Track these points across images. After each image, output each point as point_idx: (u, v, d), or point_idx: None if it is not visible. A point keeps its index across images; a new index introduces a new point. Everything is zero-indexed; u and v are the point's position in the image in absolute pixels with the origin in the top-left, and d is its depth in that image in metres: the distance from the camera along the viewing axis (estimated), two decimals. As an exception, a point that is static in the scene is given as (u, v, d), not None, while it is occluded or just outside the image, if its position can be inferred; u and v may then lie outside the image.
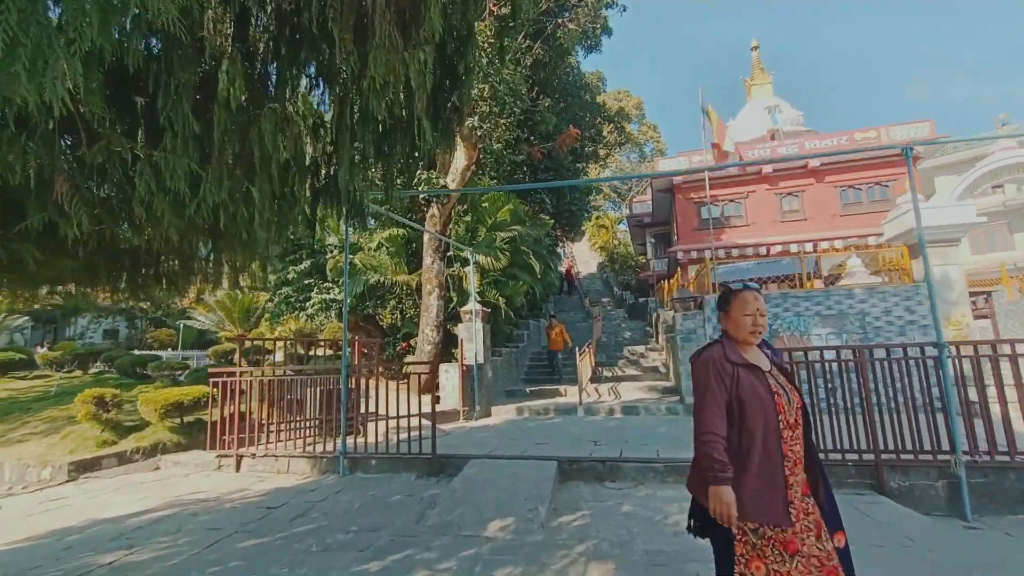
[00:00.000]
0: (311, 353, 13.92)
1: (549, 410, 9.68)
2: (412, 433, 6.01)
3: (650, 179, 22.90)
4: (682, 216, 22.32)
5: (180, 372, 11.20)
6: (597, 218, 42.23)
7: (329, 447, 6.32)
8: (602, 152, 22.26)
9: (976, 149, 26.97)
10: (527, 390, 11.85)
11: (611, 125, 21.51)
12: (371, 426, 7.27)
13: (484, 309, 10.47)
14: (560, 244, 31.90)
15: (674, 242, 23.49)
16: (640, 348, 14.59)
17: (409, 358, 11.74)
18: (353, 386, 7.28)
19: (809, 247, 20.39)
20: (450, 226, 11.78)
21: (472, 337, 10.10)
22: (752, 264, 10.70)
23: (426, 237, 10.91)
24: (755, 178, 21.30)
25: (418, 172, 10.32)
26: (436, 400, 7.81)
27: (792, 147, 21.10)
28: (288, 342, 9.79)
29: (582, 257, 41.81)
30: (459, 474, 5.14)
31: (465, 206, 12.11)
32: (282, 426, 6.81)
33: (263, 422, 6.64)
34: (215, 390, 6.58)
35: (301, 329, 22.83)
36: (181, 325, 22.82)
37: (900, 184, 9.83)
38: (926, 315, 8.28)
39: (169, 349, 27.46)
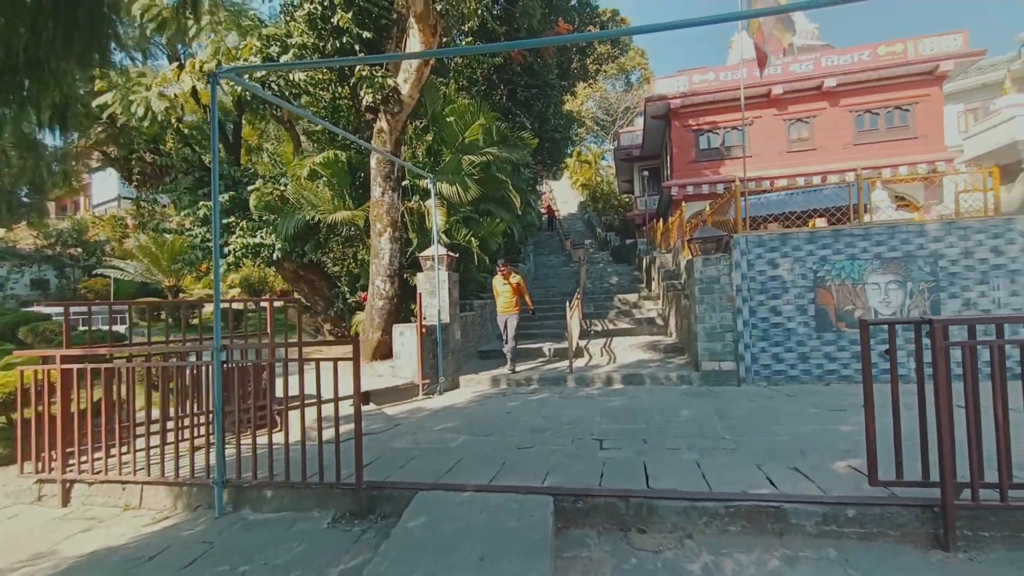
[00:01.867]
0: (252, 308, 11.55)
1: (532, 380, 7.75)
2: (346, 427, 3.96)
3: (644, 101, 20.10)
4: (678, 146, 19.90)
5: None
6: (579, 153, 39.30)
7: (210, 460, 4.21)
8: (592, 68, 19.27)
9: (999, 71, 24.85)
10: (504, 349, 9.87)
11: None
12: (296, 416, 5.23)
13: (450, 254, 8.22)
14: (540, 180, 29.26)
15: (667, 177, 21.19)
16: (632, 296, 12.69)
17: (360, 315, 9.54)
18: (262, 364, 5.15)
19: (818, 180, 18.45)
20: (404, 148, 9.22)
21: (435, 289, 7.91)
22: (785, 195, 8.59)
23: (373, 160, 8.38)
24: (762, 101, 18.84)
25: (357, 68, 7.63)
26: (355, 381, 5.74)
27: (807, 64, 18.52)
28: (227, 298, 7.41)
29: (562, 196, 39.20)
30: (397, 526, 3.14)
31: (424, 121, 9.50)
32: (145, 429, 4.64)
33: (116, 423, 4.44)
34: (27, 379, 4.30)
35: (248, 278, 20.26)
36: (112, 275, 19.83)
37: (1002, 85, 7.65)
38: (1017, 257, 6.42)
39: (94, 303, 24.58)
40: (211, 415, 4.65)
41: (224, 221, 9.47)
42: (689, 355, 8.24)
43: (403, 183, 8.96)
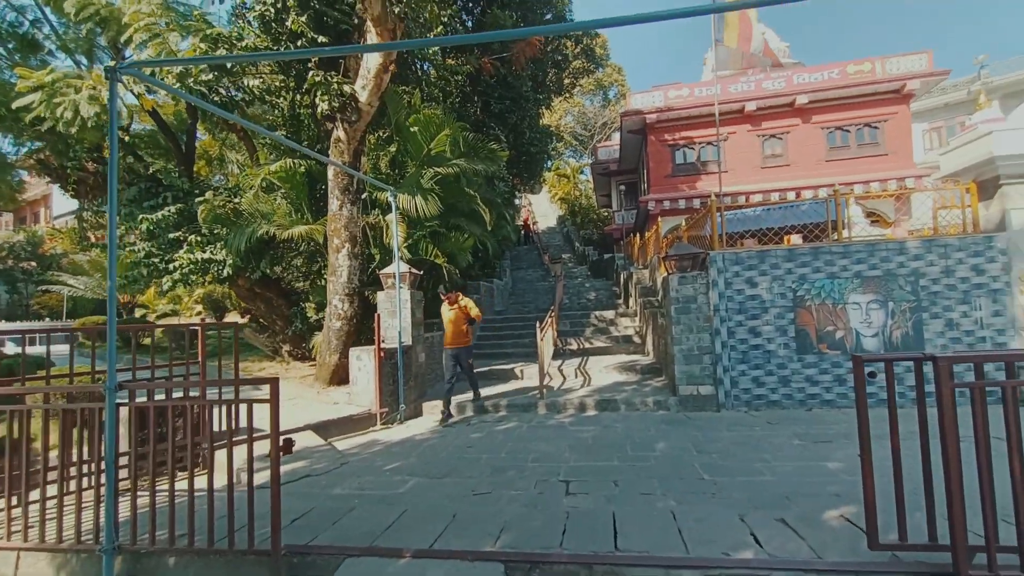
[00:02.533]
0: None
1: (500, 406, 7.22)
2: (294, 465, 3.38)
3: (621, 115, 20.03)
4: (654, 161, 19.84)
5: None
6: (557, 167, 39.36)
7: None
8: (567, 81, 19.13)
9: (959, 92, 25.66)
10: (488, 369, 9.33)
11: (579, 48, 18.31)
12: (233, 454, 4.63)
13: (413, 271, 7.70)
14: (518, 195, 29.00)
15: (644, 191, 21.11)
16: (609, 313, 12.32)
17: (319, 337, 8.91)
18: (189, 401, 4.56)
19: (792, 196, 18.54)
20: (365, 159, 8.73)
21: (396, 309, 7.37)
22: (761, 211, 8.35)
23: (330, 171, 7.86)
24: (736, 117, 18.94)
25: (311, 73, 7.13)
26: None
27: (778, 81, 18.72)
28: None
29: (540, 210, 39.06)
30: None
31: (387, 131, 9.02)
32: (40, 479, 3.97)
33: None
34: None
35: (212, 294, 19.28)
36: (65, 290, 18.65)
37: (976, 100, 7.54)
38: (999, 276, 6.22)
39: (47, 319, 23.17)
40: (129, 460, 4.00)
41: (171, 235, 8.76)
42: (666, 377, 7.83)
43: (363, 196, 8.44)
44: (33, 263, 29.63)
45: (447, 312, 7.02)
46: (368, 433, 6.48)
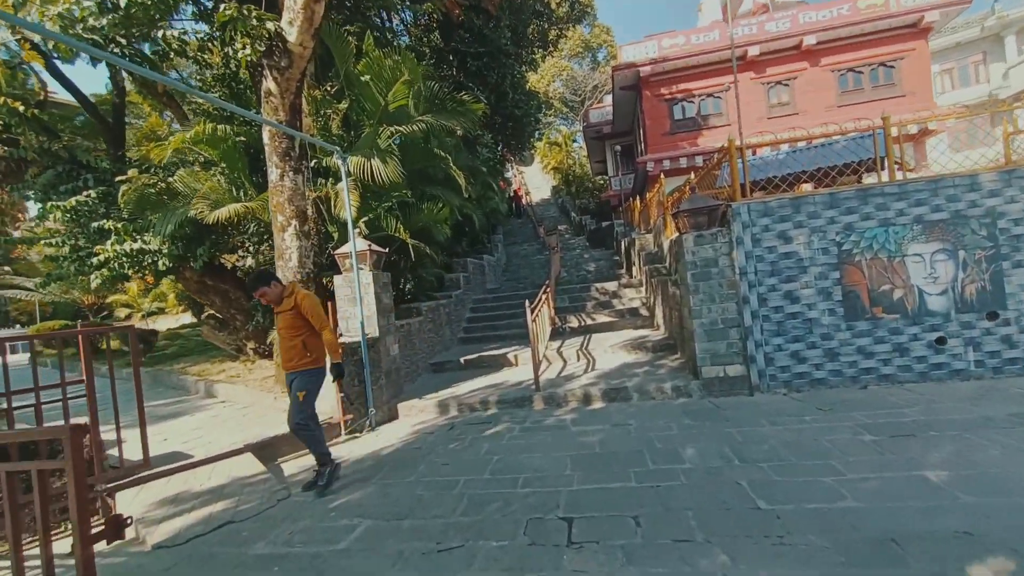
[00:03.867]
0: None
1: (489, 403, 6.05)
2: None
3: (612, 70, 18.41)
4: (650, 118, 18.33)
5: None
6: (548, 136, 37.63)
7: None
8: (552, 34, 17.46)
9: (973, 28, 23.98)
10: (462, 359, 8.19)
11: (561, -6, 16.59)
12: (139, 493, 3.48)
13: (375, 249, 6.43)
14: (508, 166, 27.45)
15: (641, 152, 19.63)
16: (611, 285, 11.10)
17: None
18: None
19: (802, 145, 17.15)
20: (310, 118, 7.36)
21: (355, 295, 6.13)
22: (786, 153, 7.03)
23: (266, 135, 6.50)
24: (739, 64, 17.30)
25: (222, 7, 5.70)
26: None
27: (783, 22, 17.08)
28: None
29: (534, 182, 37.44)
30: None
31: (336, 84, 7.61)
32: None
33: None
34: None
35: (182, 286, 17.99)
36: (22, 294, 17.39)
37: None
38: (1097, 210, 4.96)
39: (17, 327, 21.98)
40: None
41: (94, 224, 7.45)
42: (684, 355, 6.66)
43: (310, 164, 7.10)
44: (7, 268, 28.32)
45: (278, 316, 4.15)
46: (331, 446, 5.31)
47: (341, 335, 6.00)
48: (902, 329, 5.22)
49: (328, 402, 5.90)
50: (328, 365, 4.26)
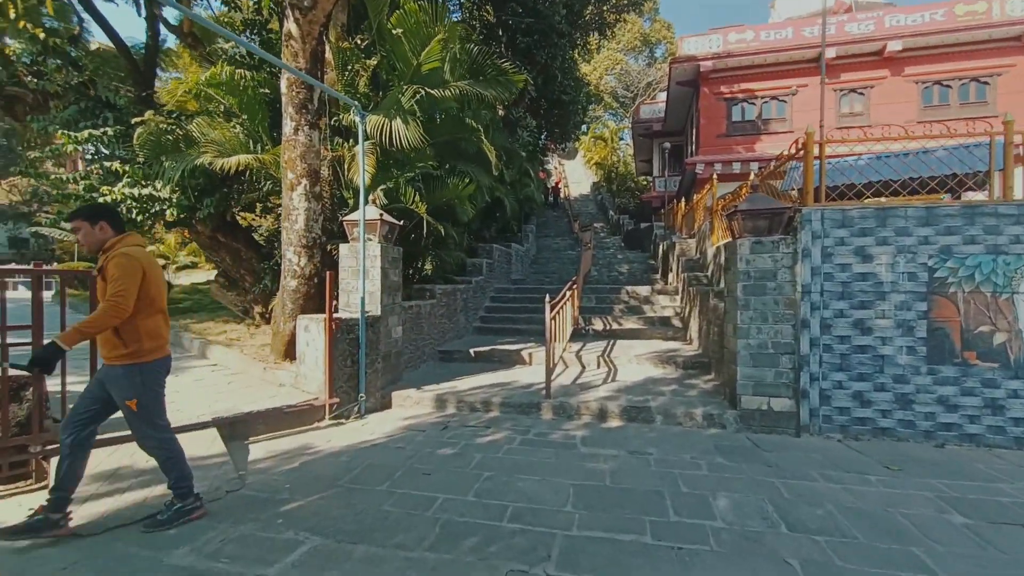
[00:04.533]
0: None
1: (492, 404, 5.39)
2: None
3: (670, 62, 17.28)
4: (706, 117, 17.15)
5: None
6: (594, 130, 36.51)
7: None
8: (610, 17, 16.48)
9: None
10: (472, 351, 7.56)
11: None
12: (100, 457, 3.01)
13: (387, 220, 5.84)
14: (549, 156, 26.58)
15: (691, 153, 18.47)
16: (644, 290, 10.23)
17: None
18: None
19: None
20: (335, 71, 6.78)
21: (359, 267, 5.56)
22: (867, 159, 6.04)
23: (283, 83, 5.96)
24: (810, 67, 15.96)
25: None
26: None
27: (867, 24, 15.58)
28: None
29: (574, 176, 36.43)
30: None
31: (367, 38, 7.00)
32: None
33: None
34: None
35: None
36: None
37: None
38: None
39: (54, 264, 22.64)
40: None
41: (107, 164, 7.13)
42: (720, 378, 5.83)
43: (330, 120, 6.54)
44: (57, 204, 29.35)
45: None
46: (306, 432, 4.78)
47: (338, 310, 5.44)
48: (999, 382, 4.27)
49: (315, 382, 5.37)
50: (156, 359, 2.85)
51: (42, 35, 7.81)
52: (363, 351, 5.45)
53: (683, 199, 15.60)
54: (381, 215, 5.81)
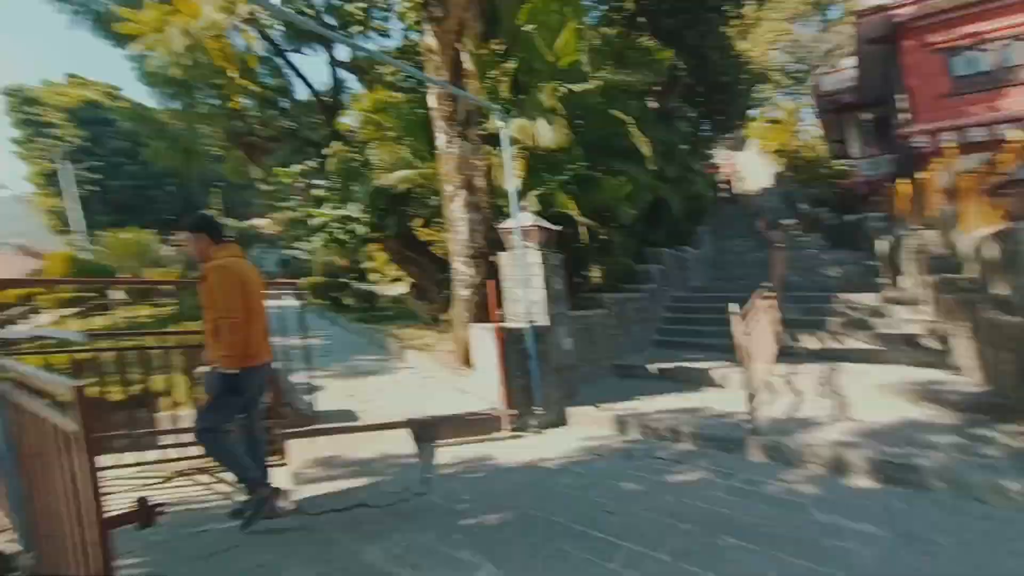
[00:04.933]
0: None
1: (682, 434, 4.59)
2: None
3: (856, 16, 14.01)
4: (916, 77, 13.48)
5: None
6: (764, 114, 32.02)
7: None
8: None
9: None
10: (653, 368, 6.80)
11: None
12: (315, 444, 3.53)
13: (543, 226, 5.49)
14: (714, 147, 24.02)
15: (901, 124, 14.59)
16: (868, 298, 8.13)
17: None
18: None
19: None
20: (478, 83, 6.65)
21: (521, 276, 5.31)
22: None
23: (432, 99, 6.08)
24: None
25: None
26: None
27: None
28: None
29: (750, 169, 32.36)
30: None
31: (503, 44, 6.75)
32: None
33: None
34: None
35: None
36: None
37: None
38: None
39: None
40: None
41: (313, 192, 8.28)
42: None
43: (478, 129, 6.45)
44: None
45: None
46: (485, 442, 4.65)
47: (512, 314, 5.22)
48: None
49: (490, 391, 5.23)
50: (257, 365, 2.88)
51: (259, 90, 9.50)
52: (534, 362, 5.16)
53: (903, 180, 12.40)
54: (537, 222, 5.48)
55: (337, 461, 3.91)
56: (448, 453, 4.29)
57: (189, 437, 3.53)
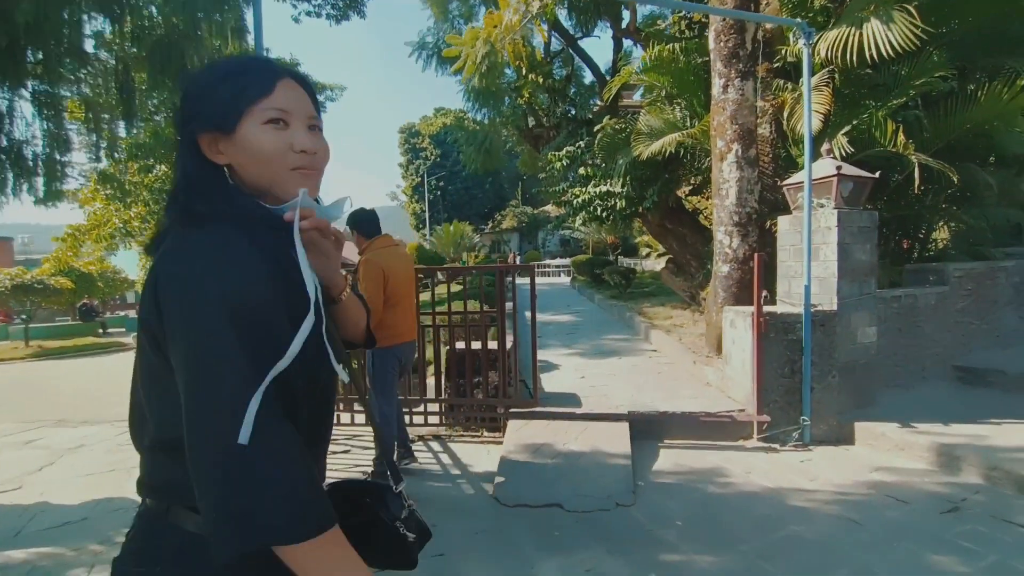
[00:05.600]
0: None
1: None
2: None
3: None
4: None
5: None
6: None
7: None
8: None
9: None
10: (1011, 371, 4.46)
11: None
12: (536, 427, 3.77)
13: (850, 173, 4.08)
14: None
15: None
16: None
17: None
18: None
19: None
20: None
21: (803, 245, 4.14)
22: None
23: (711, 36, 5.11)
24: None
25: None
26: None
27: None
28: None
29: None
30: None
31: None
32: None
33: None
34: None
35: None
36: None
37: None
38: None
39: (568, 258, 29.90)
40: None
41: (580, 171, 8.51)
42: None
43: (769, 64, 5.14)
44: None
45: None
46: (725, 450, 3.95)
47: (776, 302, 4.21)
48: None
49: (741, 389, 4.41)
50: (402, 344, 3.40)
51: (549, 83, 10.22)
52: (807, 359, 4.04)
53: None
54: (839, 168, 4.11)
55: (547, 450, 3.69)
56: (672, 458, 3.77)
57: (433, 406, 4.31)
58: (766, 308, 4.19)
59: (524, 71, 9.31)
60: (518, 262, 35.90)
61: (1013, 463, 3.12)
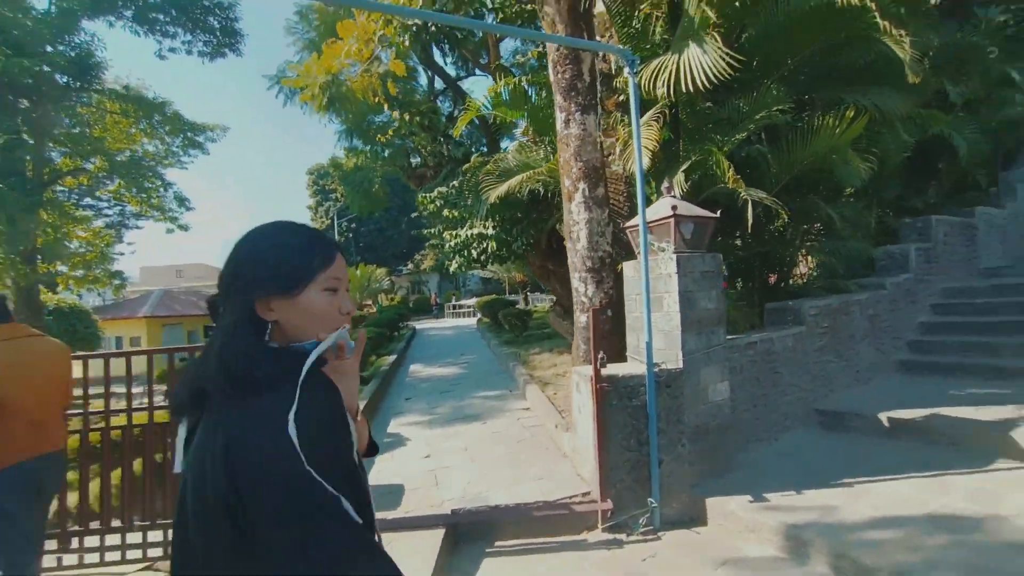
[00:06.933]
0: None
1: (932, 563, 2.38)
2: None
3: None
4: None
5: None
6: None
7: None
8: None
9: None
10: (884, 415, 4.25)
11: None
12: None
13: (689, 215, 3.72)
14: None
15: None
16: None
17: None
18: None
19: None
20: (610, 29, 5.01)
21: (643, 294, 3.68)
22: None
23: (550, 67, 4.76)
24: None
25: None
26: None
27: None
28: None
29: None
30: None
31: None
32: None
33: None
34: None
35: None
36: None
37: None
38: None
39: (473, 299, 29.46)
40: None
41: (445, 213, 7.95)
42: None
43: (616, 97, 4.88)
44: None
45: None
46: (563, 551, 3.27)
47: (604, 363, 3.69)
48: None
49: (588, 464, 3.81)
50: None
51: (427, 122, 9.74)
52: (653, 427, 3.52)
53: None
54: (675, 208, 3.73)
55: None
56: (496, 571, 3.04)
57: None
58: (610, 369, 3.66)
59: (388, 108, 8.76)
60: (437, 302, 34.89)
61: (859, 548, 2.68)
